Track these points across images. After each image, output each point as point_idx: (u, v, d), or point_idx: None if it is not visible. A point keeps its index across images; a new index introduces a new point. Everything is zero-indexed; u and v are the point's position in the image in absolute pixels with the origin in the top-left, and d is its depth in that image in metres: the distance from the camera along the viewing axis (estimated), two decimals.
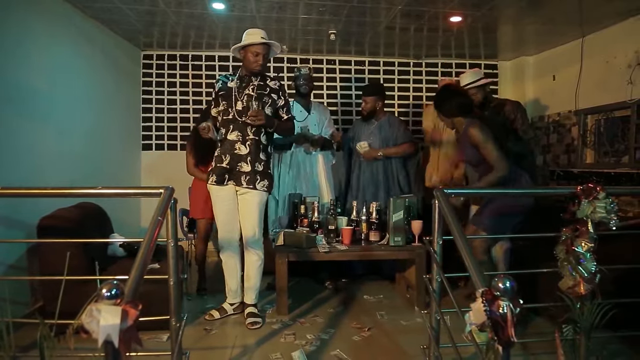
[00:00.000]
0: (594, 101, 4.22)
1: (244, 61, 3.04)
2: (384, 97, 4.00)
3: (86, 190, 2.30)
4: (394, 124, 3.97)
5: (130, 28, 4.18)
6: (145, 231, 1.69)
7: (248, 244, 3.09)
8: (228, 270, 3.17)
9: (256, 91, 3.05)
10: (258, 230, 3.08)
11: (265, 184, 3.06)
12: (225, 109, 3.04)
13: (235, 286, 3.17)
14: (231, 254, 3.15)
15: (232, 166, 3.02)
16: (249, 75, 3.06)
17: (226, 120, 3.04)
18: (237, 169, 3.02)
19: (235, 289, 3.18)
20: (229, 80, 3.08)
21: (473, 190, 3.17)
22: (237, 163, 3.02)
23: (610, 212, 1.95)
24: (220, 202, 3.08)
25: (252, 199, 3.05)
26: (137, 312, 1.23)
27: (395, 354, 2.66)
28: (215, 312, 3.13)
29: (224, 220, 3.11)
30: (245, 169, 3.01)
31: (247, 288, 3.14)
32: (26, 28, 3.03)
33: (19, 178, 2.88)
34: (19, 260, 2.91)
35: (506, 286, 1.32)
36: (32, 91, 3.09)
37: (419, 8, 3.60)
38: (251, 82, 3.06)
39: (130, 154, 4.91)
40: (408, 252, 3.36)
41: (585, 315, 1.87)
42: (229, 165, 3.02)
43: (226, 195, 3.06)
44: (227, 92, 3.04)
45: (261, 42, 2.96)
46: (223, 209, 3.09)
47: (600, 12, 3.68)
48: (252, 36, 2.98)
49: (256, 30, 3.01)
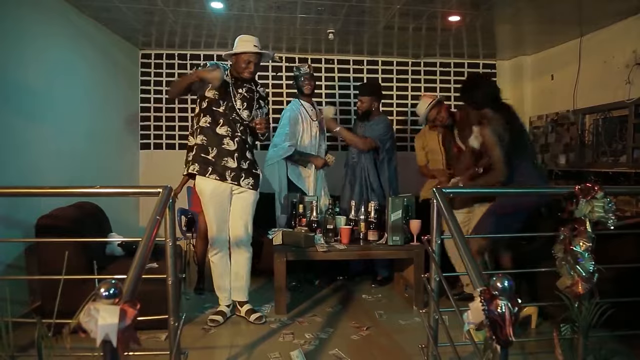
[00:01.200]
0: (592, 101, 4.22)
1: (235, 66, 3.03)
2: (380, 97, 3.97)
3: (84, 189, 2.29)
4: (379, 123, 3.89)
5: (128, 27, 4.17)
6: (143, 230, 1.69)
7: (241, 243, 3.12)
8: (220, 271, 3.13)
9: (248, 94, 3.09)
10: (250, 229, 3.16)
11: (250, 182, 3.08)
12: (217, 100, 2.99)
13: (228, 286, 3.17)
14: (222, 254, 3.13)
15: (216, 160, 2.99)
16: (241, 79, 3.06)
17: (216, 112, 2.99)
18: (222, 163, 2.99)
19: (228, 288, 3.17)
20: (226, 72, 3.03)
21: (472, 190, 3.17)
22: (223, 158, 3.00)
23: (608, 212, 1.95)
24: (215, 199, 3.03)
25: (248, 198, 3.10)
26: (135, 312, 1.23)
27: (394, 353, 2.66)
28: (218, 317, 3.06)
29: (218, 218, 3.06)
30: (231, 164, 3.01)
31: (240, 287, 3.15)
32: (24, 27, 3.02)
33: (17, 177, 2.88)
34: (17, 259, 2.91)
35: (504, 285, 1.32)
36: (29, 90, 3.08)
37: (417, 7, 3.60)
38: (245, 83, 3.08)
39: (129, 153, 4.90)
40: (406, 252, 3.36)
41: (583, 314, 1.88)
42: (213, 159, 2.99)
43: (222, 193, 3.05)
44: (223, 85, 2.98)
45: (254, 52, 2.97)
46: (217, 206, 3.05)
47: (598, 12, 3.68)
48: (246, 44, 2.97)
49: (249, 38, 3.01)
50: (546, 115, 4.90)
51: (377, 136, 3.84)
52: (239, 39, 3.02)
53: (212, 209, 3.04)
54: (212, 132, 2.99)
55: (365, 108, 3.88)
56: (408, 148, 5.40)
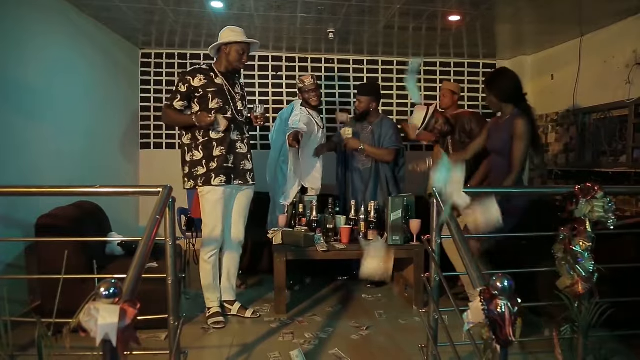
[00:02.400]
0: (592, 100, 4.22)
1: (228, 57, 2.98)
2: (379, 97, 3.90)
3: (84, 189, 2.29)
4: (386, 126, 3.83)
5: (128, 26, 4.17)
6: (143, 230, 1.69)
7: (239, 241, 3.18)
8: (215, 272, 3.08)
9: (241, 91, 3.13)
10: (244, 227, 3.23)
11: (253, 176, 3.19)
12: (221, 107, 2.97)
13: (218, 286, 3.15)
14: (216, 253, 3.09)
15: (235, 165, 3.04)
16: (229, 72, 3.05)
17: (225, 119, 2.97)
18: (240, 167, 3.06)
19: (219, 288, 3.15)
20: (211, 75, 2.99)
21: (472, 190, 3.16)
22: (240, 162, 3.06)
23: (608, 212, 1.95)
24: (223, 203, 3.01)
25: (249, 195, 3.19)
26: (135, 311, 1.23)
27: (394, 353, 2.66)
28: (219, 318, 3.02)
29: (220, 222, 3.02)
30: (248, 166, 3.11)
31: (231, 286, 3.21)
32: (24, 26, 3.02)
33: (17, 177, 2.88)
34: (17, 259, 2.91)
35: (504, 285, 1.32)
36: (29, 90, 3.08)
37: (417, 7, 3.60)
38: (234, 79, 3.09)
39: (129, 153, 4.90)
40: (406, 251, 3.36)
41: (583, 314, 1.88)
42: (233, 165, 3.03)
43: (229, 195, 3.06)
44: (219, 89, 2.97)
45: (248, 41, 2.99)
46: (222, 210, 3.02)
47: (598, 12, 3.68)
48: (237, 34, 2.98)
49: (237, 28, 3.02)
50: (546, 115, 4.90)
51: (395, 141, 3.79)
52: (229, 30, 2.99)
53: (220, 212, 3.00)
54: (227, 140, 2.99)
55: (364, 108, 3.81)
56: (408, 147, 5.41)
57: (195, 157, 2.99)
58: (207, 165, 2.97)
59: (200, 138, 2.98)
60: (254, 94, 5.13)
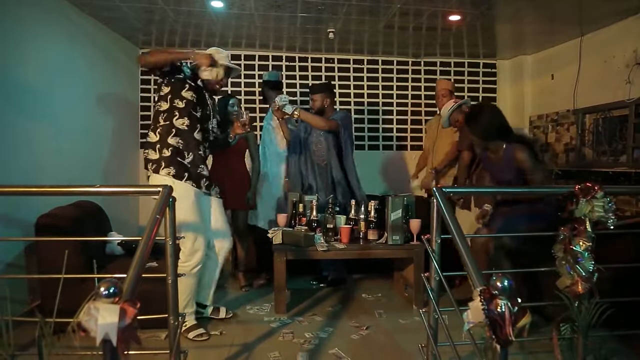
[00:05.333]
0: (592, 100, 4.22)
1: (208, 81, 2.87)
2: (331, 94, 3.86)
3: (84, 188, 2.28)
4: (339, 114, 3.83)
5: (128, 26, 4.17)
6: (143, 229, 1.69)
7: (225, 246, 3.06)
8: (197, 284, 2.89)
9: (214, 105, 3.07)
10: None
11: (217, 191, 3.02)
12: (195, 104, 2.80)
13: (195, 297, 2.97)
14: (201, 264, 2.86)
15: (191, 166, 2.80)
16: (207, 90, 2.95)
17: (194, 116, 2.80)
18: (197, 170, 2.83)
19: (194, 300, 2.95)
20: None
21: (470, 189, 3.17)
22: (198, 165, 2.84)
23: (608, 211, 1.95)
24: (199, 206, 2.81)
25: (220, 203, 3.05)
26: (135, 311, 1.23)
27: (394, 353, 2.66)
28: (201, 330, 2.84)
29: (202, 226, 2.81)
30: (204, 172, 2.88)
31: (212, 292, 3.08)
32: (23, 26, 3.02)
33: (16, 176, 2.88)
34: (17, 258, 2.91)
35: (504, 285, 1.33)
36: (29, 89, 3.08)
37: (418, 7, 3.60)
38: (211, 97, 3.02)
39: (129, 152, 4.90)
40: (406, 251, 3.36)
41: (583, 314, 1.88)
42: (189, 164, 2.80)
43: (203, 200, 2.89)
44: (198, 87, 2.85)
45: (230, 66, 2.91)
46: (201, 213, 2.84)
47: (598, 12, 3.68)
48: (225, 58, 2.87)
49: (224, 52, 2.91)
50: (546, 115, 4.90)
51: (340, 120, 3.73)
52: (219, 52, 2.87)
53: (197, 216, 2.78)
54: (190, 136, 2.78)
55: (318, 106, 3.77)
56: (408, 147, 5.41)
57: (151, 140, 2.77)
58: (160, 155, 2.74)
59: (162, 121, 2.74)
60: (254, 93, 5.13)
